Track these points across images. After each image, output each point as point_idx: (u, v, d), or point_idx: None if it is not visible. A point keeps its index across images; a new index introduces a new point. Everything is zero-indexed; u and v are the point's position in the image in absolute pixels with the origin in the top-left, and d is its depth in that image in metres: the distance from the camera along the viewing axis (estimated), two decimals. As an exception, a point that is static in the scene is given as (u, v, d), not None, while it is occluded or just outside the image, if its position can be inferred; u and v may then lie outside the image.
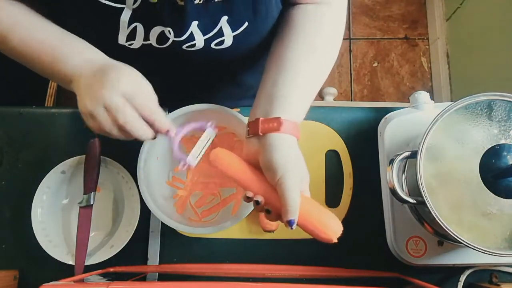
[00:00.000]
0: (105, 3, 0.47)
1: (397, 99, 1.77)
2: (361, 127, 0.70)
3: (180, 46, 0.53)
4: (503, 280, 0.63)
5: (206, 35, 0.52)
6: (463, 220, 0.50)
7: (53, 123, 0.72)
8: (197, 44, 0.53)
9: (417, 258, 0.60)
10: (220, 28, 0.51)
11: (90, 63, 0.47)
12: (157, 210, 0.58)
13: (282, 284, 0.44)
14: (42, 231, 0.63)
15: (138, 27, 0.50)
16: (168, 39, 0.52)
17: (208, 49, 0.54)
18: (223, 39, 0.53)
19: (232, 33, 0.52)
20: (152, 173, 0.63)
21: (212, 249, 0.66)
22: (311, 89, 0.52)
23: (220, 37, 0.53)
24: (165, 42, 0.52)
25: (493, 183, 0.50)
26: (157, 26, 0.50)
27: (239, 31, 0.52)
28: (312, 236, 0.46)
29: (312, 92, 0.53)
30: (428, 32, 1.83)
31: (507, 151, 0.51)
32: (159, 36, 0.51)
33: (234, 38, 0.53)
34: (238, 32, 0.52)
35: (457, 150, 0.52)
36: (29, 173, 0.69)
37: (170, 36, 0.51)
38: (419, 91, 0.65)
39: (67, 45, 0.48)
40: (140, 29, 0.50)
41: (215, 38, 0.52)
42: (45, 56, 0.47)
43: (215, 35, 0.52)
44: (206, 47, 0.53)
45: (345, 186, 0.68)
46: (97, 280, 0.58)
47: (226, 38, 0.53)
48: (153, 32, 0.51)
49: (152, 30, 0.50)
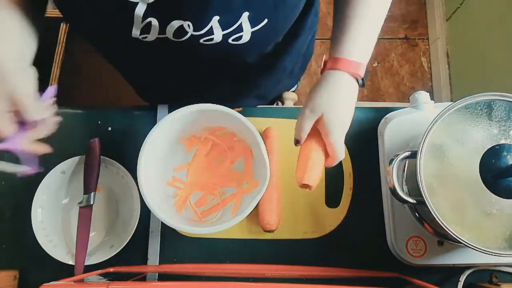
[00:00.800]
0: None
1: (397, 99, 1.77)
2: (361, 127, 0.70)
3: (197, 40, 0.53)
4: (503, 280, 0.63)
5: (226, 30, 0.51)
6: (463, 220, 0.50)
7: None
8: (215, 38, 0.52)
9: (417, 258, 0.60)
10: (240, 24, 0.51)
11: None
12: (157, 210, 0.58)
13: (282, 284, 0.44)
14: (42, 231, 0.63)
15: (152, 21, 0.50)
16: (186, 33, 0.51)
17: (225, 44, 0.54)
18: (241, 35, 0.53)
19: (251, 29, 0.52)
20: (152, 173, 0.63)
21: (212, 249, 0.66)
22: (375, 30, 0.57)
23: (238, 33, 0.52)
24: (183, 36, 0.52)
25: (493, 183, 0.50)
26: (176, 20, 0.50)
27: (258, 28, 0.52)
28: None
29: (375, 32, 0.57)
30: (428, 32, 1.83)
31: (507, 151, 0.51)
32: (177, 29, 0.51)
33: (252, 34, 0.53)
34: (257, 28, 0.52)
35: (457, 150, 0.52)
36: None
37: (189, 30, 0.51)
38: (419, 91, 0.65)
39: None
40: (155, 23, 0.50)
41: (233, 33, 0.52)
42: None
43: (234, 31, 0.52)
44: (223, 41, 0.53)
45: (345, 186, 0.68)
46: (97, 280, 0.58)
47: (245, 34, 0.53)
48: (170, 26, 0.50)
49: (169, 24, 0.50)
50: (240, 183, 0.66)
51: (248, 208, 0.57)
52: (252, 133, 0.61)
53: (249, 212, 0.57)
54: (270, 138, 0.68)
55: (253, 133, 0.61)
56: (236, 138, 0.68)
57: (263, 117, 0.72)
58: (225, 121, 0.65)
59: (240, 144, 0.68)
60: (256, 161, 0.66)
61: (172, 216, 0.60)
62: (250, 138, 0.63)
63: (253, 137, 0.61)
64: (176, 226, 0.58)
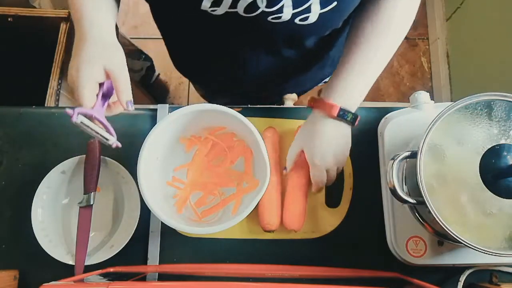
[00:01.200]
0: None
1: (397, 99, 1.77)
2: (361, 127, 0.70)
3: (266, 17, 0.53)
4: (503, 280, 0.63)
5: (296, 9, 0.52)
6: (463, 220, 0.50)
7: (53, 123, 0.72)
8: (284, 17, 0.53)
9: (417, 258, 0.60)
10: (310, 4, 0.52)
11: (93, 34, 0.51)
12: (157, 210, 0.58)
13: (282, 284, 0.44)
14: (42, 231, 0.63)
15: None
16: (257, 8, 0.52)
17: (291, 23, 0.54)
18: (308, 15, 0.53)
19: (319, 11, 0.53)
20: (152, 173, 0.63)
21: (212, 249, 0.66)
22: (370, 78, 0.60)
23: (307, 13, 0.53)
24: (254, 11, 0.52)
25: (493, 183, 0.50)
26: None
27: (327, 9, 0.53)
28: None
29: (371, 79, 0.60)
30: (428, 32, 1.83)
31: (507, 151, 0.51)
32: (250, 4, 0.51)
33: (319, 16, 0.54)
34: (325, 10, 0.53)
35: (457, 150, 0.52)
36: (29, 173, 0.69)
37: (261, 6, 0.51)
38: (419, 91, 0.65)
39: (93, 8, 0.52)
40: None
41: (302, 13, 0.53)
42: (74, 12, 0.53)
43: (303, 11, 0.52)
44: (291, 21, 0.54)
45: (345, 186, 0.68)
46: (97, 280, 0.58)
47: (312, 14, 0.53)
48: (243, 1, 0.51)
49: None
50: (240, 183, 0.66)
51: (248, 208, 0.57)
52: (252, 133, 0.61)
53: (249, 212, 0.57)
54: (270, 137, 0.68)
55: (253, 133, 0.61)
56: (236, 138, 0.68)
57: (263, 117, 0.72)
58: (225, 121, 0.65)
59: (240, 144, 0.68)
60: (256, 161, 0.66)
61: (172, 216, 0.60)
62: (250, 138, 0.63)
63: (253, 137, 0.61)
64: (176, 226, 0.58)
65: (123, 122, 0.71)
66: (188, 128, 0.66)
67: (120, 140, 0.54)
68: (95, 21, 0.52)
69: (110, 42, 0.52)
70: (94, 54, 0.50)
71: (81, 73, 0.49)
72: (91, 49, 0.50)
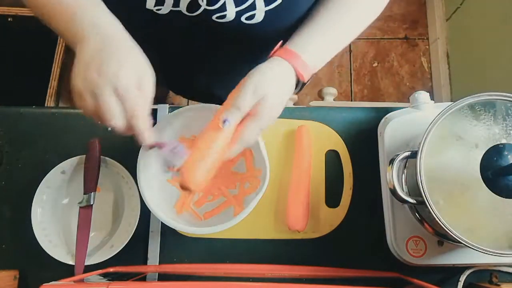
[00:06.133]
0: None
1: (397, 99, 1.77)
2: (361, 127, 0.70)
3: (210, 15, 0.52)
4: (503, 280, 0.63)
5: (239, 7, 0.51)
6: (463, 220, 0.50)
7: (53, 123, 0.72)
8: (228, 15, 0.52)
9: (417, 258, 0.60)
10: (253, 1, 0.50)
11: (98, 29, 0.45)
12: (157, 210, 0.58)
13: (282, 284, 0.44)
14: (42, 231, 0.63)
15: None
16: (199, 6, 0.51)
17: (237, 22, 0.53)
18: (254, 13, 0.52)
19: (264, 8, 0.52)
20: (152, 173, 0.63)
21: (212, 249, 0.66)
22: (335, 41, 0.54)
23: (252, 11, 0.52)
24: (196, 10, 0.51)
25: (494, 183, 0.50)
26: None
27: (272, 6, 0.52)
28: None
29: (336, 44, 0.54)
30: (428, 32, 1.83)
31: (508, 150, 0.51)
32: (191, 3, 0.50)
33: (266, 13, 0.52)
34: (271, 7, 0.52)
35: (457, 150, 0.52)
36: (29, 173, 0.69)
37: (202, 4, 0.50)
38: (419, 91, 0.65)
39: (81, 5, 0.46)
40: None
41: (247, 11, 0.52)
42: (59, 14, 0.46)
43: (247, 8, 0.51)
44: (236, 19, 0.53)
45: (345, 186, 0.68)
46: (97, 280, 0.58)
47: (258, 12, 0.52)
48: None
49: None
50: (241, 183, 0.66)
51: (248, 209, 0.57)
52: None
53: (248, 213, 0.57)
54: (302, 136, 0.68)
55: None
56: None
57: (263, 117, 0.71)
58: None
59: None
60: (257, 161, 0.66)
61: (172, 216, 0.60)
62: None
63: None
64: (176, 226, 0.58)
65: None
66: (188, 128, 0.66)
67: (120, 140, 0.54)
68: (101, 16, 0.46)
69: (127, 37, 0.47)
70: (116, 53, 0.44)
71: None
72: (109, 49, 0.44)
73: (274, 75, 0.49)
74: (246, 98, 0.47)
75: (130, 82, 0.44)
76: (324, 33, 0.53)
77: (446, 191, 0.51)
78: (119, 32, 0.46)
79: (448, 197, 0.51)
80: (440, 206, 0.50)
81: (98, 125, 0.71)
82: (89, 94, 0.43)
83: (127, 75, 0.44)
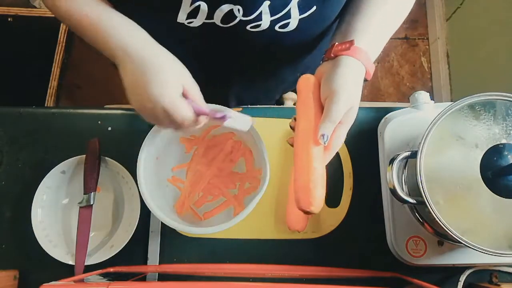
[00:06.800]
0: None
1: (397, 99, 1.77)
2: (361, 127, 0.70)
3: (245, 26, 0.52)
4: (503, 280, 0.63)
5: (274, 16, 0.51)
6: (463, 220, 0.50)
7: (53, 123, 0.72)
8: (263, 24, 0.52)
9: (417, 258, 0.60)
10: (289, 10, 0.50)
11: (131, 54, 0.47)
12: (157, 210, 0.58)
13: (282, 284, 0.44)
14: (42, 231, 0.63)
15: (201, 5, 0.49)
16: (235, 18, 0.50)
17: (271, 31, 0.53)
18: (288, 22, 0.52)
19: (299, 16, 0.51)
20: (152, 173, 0.63)
21: (212, 249, 0.66)
22: (385, 30, 0.54)
23: (286, 19, 0.51)
24: (231, 21, 0.51)
25: (494, 183, 0.50)
26: (226, 4, 0.49)
27: (307, 15, 0.51)
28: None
29: (387, 33, 0.54)
30: (428, 32, 1.83)
31: (508, 150, 0.51)
32: (226, 14, 0.50)
33: (300, 22, 0.52)
34: (305, 15, 0.51)
35: (457, 150, 0.52)
36: (29, 173, 0.69)
37: (238, 15, 0.50)
38: (419, 91, 0.65)
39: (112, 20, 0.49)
40: (204, 7, 0.49)
41: (281, 19, 0.51)
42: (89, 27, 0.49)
43: (282, 17, 0.51)
44: (270, 28, 0.52)
45: (345, 186, 0.68)
46: (97, 280, 0.58)
47: (292, 20, 0.52)
48: (220, 10, 0.49)
49: (219, 8, 0.49)
50: (241, 183, 0.66)
51: (248, 209, 0.57)
52: (252, 133, 0.61)
53: (248, 213, 0.57)
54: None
55: (253, 133, 0.61)
56: (235, 139, 0.68)
57: (263, 117, 0.72)
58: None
59: (238, 144, 0.68)
60: (257, 161, 0.66)
61: (172, 216, 0.60)
62: (250, 138, 0.63)
63: (253, 137, 0.61)
64: (176, 226, 0.58)
65: (123, 122, 0.71)
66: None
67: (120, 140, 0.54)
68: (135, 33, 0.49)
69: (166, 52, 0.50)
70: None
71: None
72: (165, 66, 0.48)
73: (356, 81, 0.48)
74: (341, 111, 0.47)
75: (175, 96, 0.48)
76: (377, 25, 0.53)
77: (446, 191, 0.51)
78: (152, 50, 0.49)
79: (448, 197, 0.51)
80: (440, 206, 0.50)
81: (98, 125, 0.72)
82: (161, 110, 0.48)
83: (169, 94, 0.47)
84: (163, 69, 0.48)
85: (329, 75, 0.49)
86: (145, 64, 0.47)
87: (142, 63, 0.47)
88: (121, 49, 0.47)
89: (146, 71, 0.47)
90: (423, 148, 0.52)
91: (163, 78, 0.47)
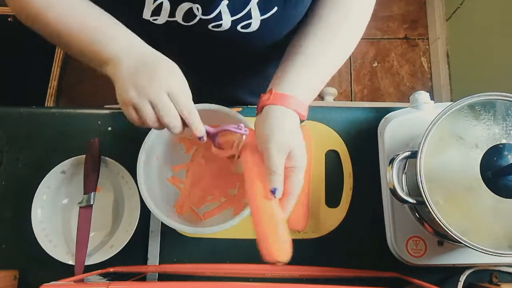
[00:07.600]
0: None
1: (397, 99, 1.77)
2: (361, 127, 0.70)
3: (206, 25, 0.53)
4: (503, 280, 0.63)
5: (234, 16, 0.51)
6: (463, 220, 0.50)
7: (53, 123, 0.72)
8: (224, 24, 0.52)
9: (417, 258, 0.60)
10: (249, 10, 0.51)
11: (131, 50, 0.48)
12: (157, 210, 0.58)
13: (282, 284, 0.44)
14: (42, 231, 0.63)
15: (164, 2, 0.50)
16: (195, 16, 0.51)
17: (234, 31, 0.53)
18: (250, 22, 0.52)
19: (260, 17, 0.52)
20: (152, 173, 0.63)
21: (212, 249, 0.66)
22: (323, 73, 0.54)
23: (247, 20, 0.52)
24: (192, 19, 0.52)
25: (494, 183, 0.50)
26: (186, 2, 0.50)
27: (268, 15, 0.52)
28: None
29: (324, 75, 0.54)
30: (428, 32, 1.83)
31: (508, 150, 0.51)
32: (186, 12, 0.51)
33: (261, 22, 0.53)
34: (267, 16, 0.52)
35: (457, 150, 0.52)
36: (29, 173, 0.69)
37: (198, 14, 0.51)
38: (419, 91, 0.65)
39: (109, 27, 0.49)
40: (166, 4, 0.50)
41: (242, 20, 0.52)
42: (84, 36, 0.48)
43: (243, 17, 0.52)
44: (232, 28, 0.53)
45: (345, 186, 0.68)
46: (97, 280, 0.58)
47: (254, 21, 0.52)
48: (180, 9, 0.50)
49: (179, 6, 0.50)
50: (242, 183, 0.66)
51: (248, 209, 0.57)
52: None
53: (248, 213, 0.57)
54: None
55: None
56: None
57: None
58: (225, 120, 0.64)
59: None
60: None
61: (172, 216, 0.60)
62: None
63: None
64: (176, 226, 0.58)
65: (123, 122, 0.71)
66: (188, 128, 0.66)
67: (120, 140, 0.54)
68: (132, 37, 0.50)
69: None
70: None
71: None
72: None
73: (284, 127, 0.49)
74: (276, 161, 0.48)
75: (181, 82, 0.49)
76: (311, 67, 0.53)
77: (446, 191, 0.51)
78: (152, 50, 0.49)
79: (448, 197, 0.51)
80: (440, 206, 0.50)
81: (98, 125, 0.72)
82: (147, 104, 0.46)
83: (175, 81, 0.48)
84: (166, 59, 0.49)
85: (257, 130, 0.51)
86: (153, 59, 0.48)
87: (151, 58, 0.48)
88: (127, 47, 0.48)
89: (153, 60, 0.47)
90: (423, 148, 0.52)
91: (170, 64, 0.48)
